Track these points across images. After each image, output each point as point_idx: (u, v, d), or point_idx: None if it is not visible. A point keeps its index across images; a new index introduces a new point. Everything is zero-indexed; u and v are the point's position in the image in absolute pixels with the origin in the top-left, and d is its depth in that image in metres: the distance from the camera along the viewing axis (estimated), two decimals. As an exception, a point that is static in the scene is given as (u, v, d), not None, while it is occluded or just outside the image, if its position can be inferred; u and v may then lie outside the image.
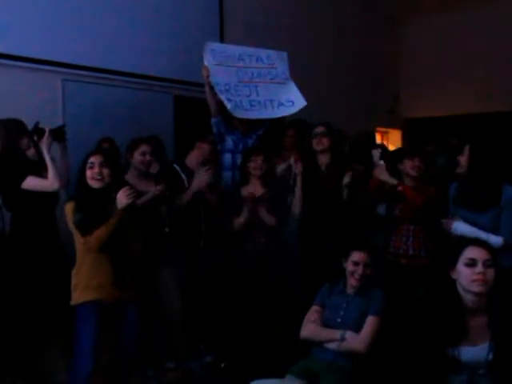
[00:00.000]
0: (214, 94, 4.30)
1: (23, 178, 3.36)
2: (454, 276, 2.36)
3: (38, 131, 3.44)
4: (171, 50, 5.42)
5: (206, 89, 4.33)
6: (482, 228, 3.06)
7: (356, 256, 2.99)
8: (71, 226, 2.95)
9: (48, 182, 3.37)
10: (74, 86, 4.75)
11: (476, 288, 2.26)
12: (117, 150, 4.69)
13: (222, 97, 4.23)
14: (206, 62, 4.34)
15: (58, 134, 3.56)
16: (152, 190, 3.66)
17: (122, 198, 2.93)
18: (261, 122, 4.44)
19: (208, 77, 4.28)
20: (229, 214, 3.81)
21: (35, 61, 4.47)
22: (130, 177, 3.70)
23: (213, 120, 4.37)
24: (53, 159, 3.41)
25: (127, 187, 2.98)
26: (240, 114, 4.26)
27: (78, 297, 2.98)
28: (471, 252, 2.30)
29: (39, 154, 3.48)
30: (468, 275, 2.28)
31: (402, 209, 3.61)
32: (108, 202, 2.97)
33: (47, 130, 3.43)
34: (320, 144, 3.94)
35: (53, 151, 3.51)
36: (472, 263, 2.28)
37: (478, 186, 3.13)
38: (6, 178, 3.41)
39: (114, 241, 2.92)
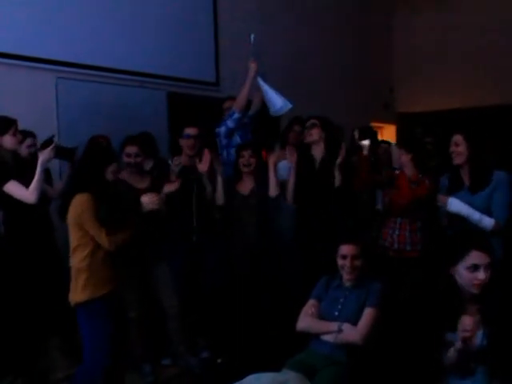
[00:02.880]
0: (254, 91, 4.25)
1: (6, 181, 3.24)
2: (452, 272, 2.41)
3: (46, 142, 3.35)
4: (165, 48, 5.42)
5: (247, 83, 4.24)
6: (477, 207, 3.23)
7: (343, 249, 2.98)
8: (87, 218, 2.84)
9: (27, 193, 3.22)
10: (68, 83, 4.75)
11: (475, 290, 2.33)
12: (111, 147, 4.69)
13: (274, 96, 4.17)
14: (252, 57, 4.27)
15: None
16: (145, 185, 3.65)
17: (150, 204, 3.03)
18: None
19: (256, 71, 4.20)
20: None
21: (29, 59, 4.47)
22: (125, 175, 3.68)
23: (236, 115, 4.28)
24: (43, 172, 3.25)
25: (152, 193, 3.08)
26: (277, 113, 4.24)
27: (90, 293, 2.88)
28: (475, 258, 2.33)
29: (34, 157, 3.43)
30: (469, 279, 2.34)
31: (390, 201, 3.70)
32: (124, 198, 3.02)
33: (54, 144, 3.28)
34: (309, 135, 3.92)
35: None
36: (475, 269, 2.32)
37: (475, 172, 3.31)
38: None
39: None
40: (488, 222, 3.20)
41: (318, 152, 3.92)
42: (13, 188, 3.25)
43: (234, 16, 6.17)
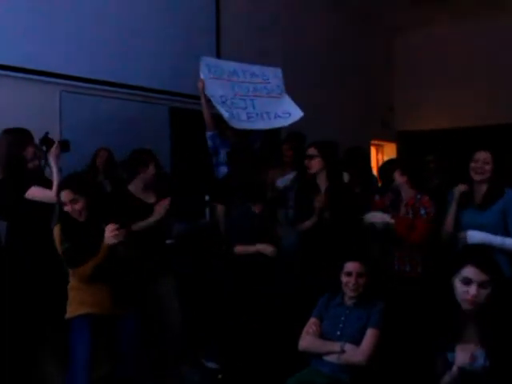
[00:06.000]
0: (210, 107, 4.33)
1: (27, 187, 3.34)
2: (452, 287, 2.39)
3: (47, 142, 3.44)
4: (168, 63, 5.46)
5: (202, 102, 4.37)
6: (487, 224, 3.31)
7: (348, 266, 2.98)
8: (59, 251, 2.96)
9: (51, 193, 3.30)
10: (72, 97, 4.77)
11: (465, 305, 2.30)
12: (113, 160, 4.72)
13: (219, 108, 4.26)
14: (201, 76, 4.39)
15: (67, 146, 3.56)
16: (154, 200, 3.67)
17: (109, 238, 2.86)
18: (254, 133, 4.47)
19: (203, 89, 4.32)
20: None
21: (34, 72, 4.49)
22: (134, 187, 3.71)
23: (208, 134, 4.41)
24: (60, 170, 3.39)
25: (113, 225, 2.87)
26: (237, 124, 4.28)
27: (72, 310, 2.98)
28: (468, 271, 2.31)
29: (41, 165, 3.48)
30: (461, 292, 2.31)
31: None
32: (93, 232, 2.93)
33: (56, 141, 3.43)
34: (310, 167, 3.84)
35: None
36: (467, 282, 2.30)
37: (492, 190, 3.40)
38: (10, 187, 3.38)
39: (106, 269, 2.91)
40: (510, 242, 3.25)
41: (322, 181, 3.84)
42: (37, 192, 3.35)
43: (236, 34, 6.22)
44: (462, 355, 2.22)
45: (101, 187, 4.01)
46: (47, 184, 3.40)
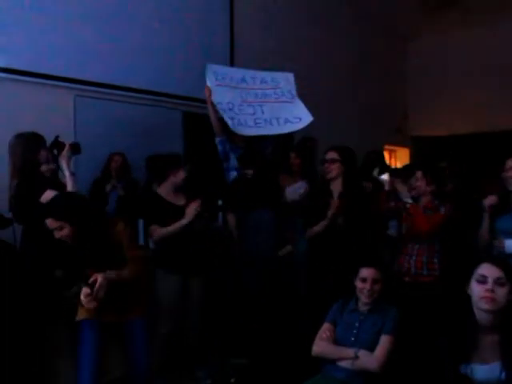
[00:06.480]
0: (217, 113, 4.33)
1: (42, 192, 3.35)
2: (469, 292, 2.36)
3: (58, 145, 3.46)
4: (181, 68, 5.48)
5: (209, 108, 4.37)
6: None
7: (364, 272, 2.95)
8: None
9: None
10: (86, 101, 4.80)
11: (484, 305, 2.25)
12: (127, 164, 4.75)
13: (224, 115, 4.26)
14: (208, 83, 4.39)
15: (78, 148, 3.57)
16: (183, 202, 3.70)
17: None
18: (263, 139, 4.43)
19: (210, 96, 4.32)
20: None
21: (48, 77, 4.53)
22: (163, 190, 3.74)
23: (217, 139, 4.41)
24: (73, 174, 3.42)
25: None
26: (243, 131, 4.27)
27: (80, 313, 2.97)
28: (483, 269, 2.30)
29: (55, 169, 3.50)
30: (478, 292, 2.28)
31: (408, 229, 3.67)
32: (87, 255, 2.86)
33: (67, 143, 3.45)
34: (329, 172, 3.78)
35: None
36: (483, 280, 2.27)
37: None
38: (24, 191, 3.39)
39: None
40: None
41: (336, 186, 3.80)
42: (51, 196, 3.30)
43: (250, 38, 6.23)
44: None
45: (93, 204, 3.92)
46: (62, 188, 3.41)
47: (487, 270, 2.29)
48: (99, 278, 2.70)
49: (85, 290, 2.70)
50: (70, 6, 4.68)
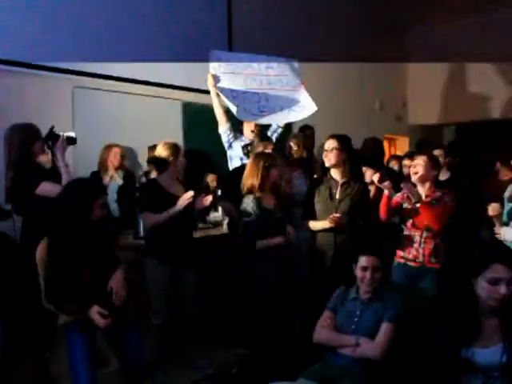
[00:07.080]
0: (221, 102, 4.32)
1: (37, 184, 3.33)
2: (473, 282, 2.29)
3: (53, 136, 3.44)
4: (180, 58, 5.46)
5: (212, 97, 4.35)
6: None
7: (364, 261, 2.93)
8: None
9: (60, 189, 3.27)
10: (85, 93, 4.79)
11: (493, 303, 2.21)
12: (124, 155, 4.74)
13: (229, 102, 4.25)
14: (211, 71, 4.37)
15: (70, 140, 3.55)
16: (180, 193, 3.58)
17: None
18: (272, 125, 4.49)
19: (214, 85, 4.30)
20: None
21: (46, 68, 4.52)
22: (163, 177, 3.65)
23: (221, 129, 4.40)
24: (67, 165, 3.40)
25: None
26: (247, 118, 4.28)
27: (61, 317, 2.84)
28: (496, 271, 2.20)
29: (53, 160, 3.49)
30: (489, 292, 2.22)
31: (413, 220, 3.69)
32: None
33: (62, 134, 3.43)
34: (328, 159, 3.78)
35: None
36: (495, 283, 2.20)
37: None
38: (20, 183, 3.37)
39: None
40: None
41: (338, 175, 3.81)
42: (47, 188, 3.31)
43: (248, 31, 6.20)
44: None
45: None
46: (58, 180, 3.38)
47: (501, 272, 2.20)
48: (117, 273, 2.77)
49: (95, 309, 2.64)
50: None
